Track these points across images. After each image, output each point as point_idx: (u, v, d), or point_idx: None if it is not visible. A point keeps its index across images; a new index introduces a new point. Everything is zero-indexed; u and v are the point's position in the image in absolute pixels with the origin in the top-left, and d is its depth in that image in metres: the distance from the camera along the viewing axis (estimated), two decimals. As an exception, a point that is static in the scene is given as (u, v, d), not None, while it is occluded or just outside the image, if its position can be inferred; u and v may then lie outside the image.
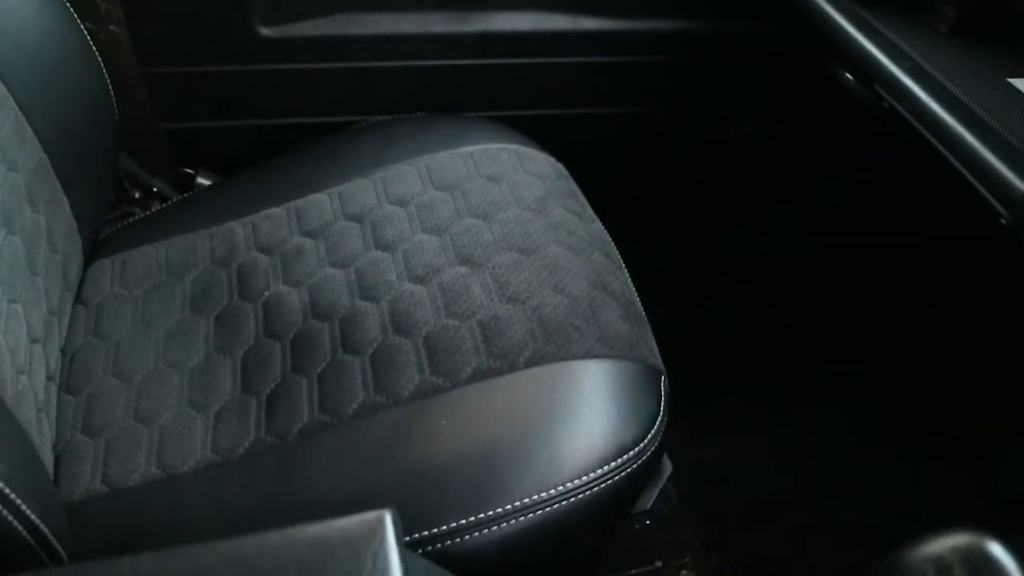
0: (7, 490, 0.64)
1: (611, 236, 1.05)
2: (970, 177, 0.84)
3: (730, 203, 1.51)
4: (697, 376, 1.14)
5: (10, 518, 0.65)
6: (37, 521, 0.68)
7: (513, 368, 0.86)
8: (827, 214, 1.52)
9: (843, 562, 1.20)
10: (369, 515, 0.55)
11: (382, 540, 0.53)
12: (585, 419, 0.83)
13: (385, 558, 0.53)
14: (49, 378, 0.89)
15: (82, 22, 1.01)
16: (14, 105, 0.90)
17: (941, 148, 0.88)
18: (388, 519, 0.55)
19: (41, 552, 0.70)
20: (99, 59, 1.02)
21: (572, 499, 0.79)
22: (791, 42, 1.24)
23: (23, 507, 0.66)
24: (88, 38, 1.02)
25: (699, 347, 1.36)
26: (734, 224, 1.53)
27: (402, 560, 0.53)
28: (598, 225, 1.05)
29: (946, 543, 0.45)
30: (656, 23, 1.26)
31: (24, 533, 0.67)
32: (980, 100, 0.86)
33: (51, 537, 0.70)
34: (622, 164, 1.40)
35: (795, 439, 1.35)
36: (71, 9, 1.00)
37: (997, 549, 0.45)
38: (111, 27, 1.15)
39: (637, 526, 1.21)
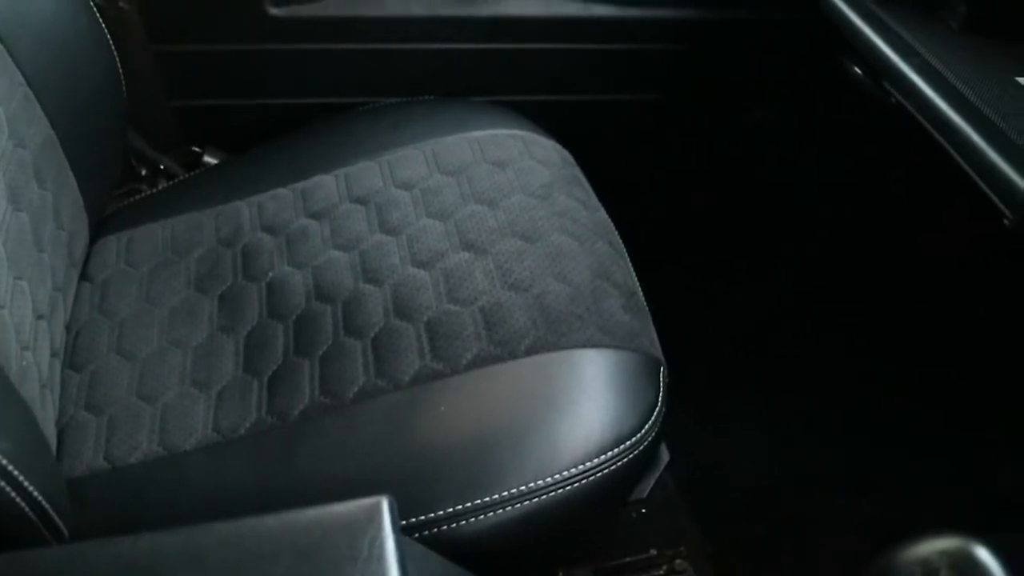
0: (10, 467, 0.65)
1: (616, 224, 1.05)
2: (975, 176, 0.84)
3: (737, 193, 1.51)
4: (697, 365, 1.14)
5: (13, 494, 0.66)
6: (39, 497, 0.69)
7: (513, 355, 0.86)
8: (833, 206, 1.52)
9: (839, 552, 1.20)
10: (366, 501, 0.56)
11: (379, 527, 0.54)
12: (584, 408, 0.84)
13: (382, 544, 0.53)
14: (54, 354, 0.89)
15: (92, -1, 1.02)
16: (23, 81, 0.90)
17: (947, 146, 0.88)
18: (385, 505, 0.55)
19: (43, 527, 0.70)
20: (108, 36, 1.03)
21: (569, 487, 0.80)
22: (802, 33, 1.24)
23: (26, 483, 0.67)
24: (98, 15, 1.02)
25: (700, 336, 1.36)
26: (740, 214, 1.53)
27: (398, 547, 0.53)
28: (602, 214, 1.05)
29: (934, 546, 0.46)
30: (667, 11, 1.25)
31: (26, 509, 0.68)
32: (988, 99, 0.85)
33: (52, 513, 0.71)
34: (629, 152, 1.40)
35: (793, 429, 1.36)
36: (82, -14, 1.00)
37: (984, 553, 0.45)
38: (121, 4, 1.15)
39: (633, 514, 1.22)
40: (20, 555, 0.59)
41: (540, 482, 0.79)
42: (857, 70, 1.11)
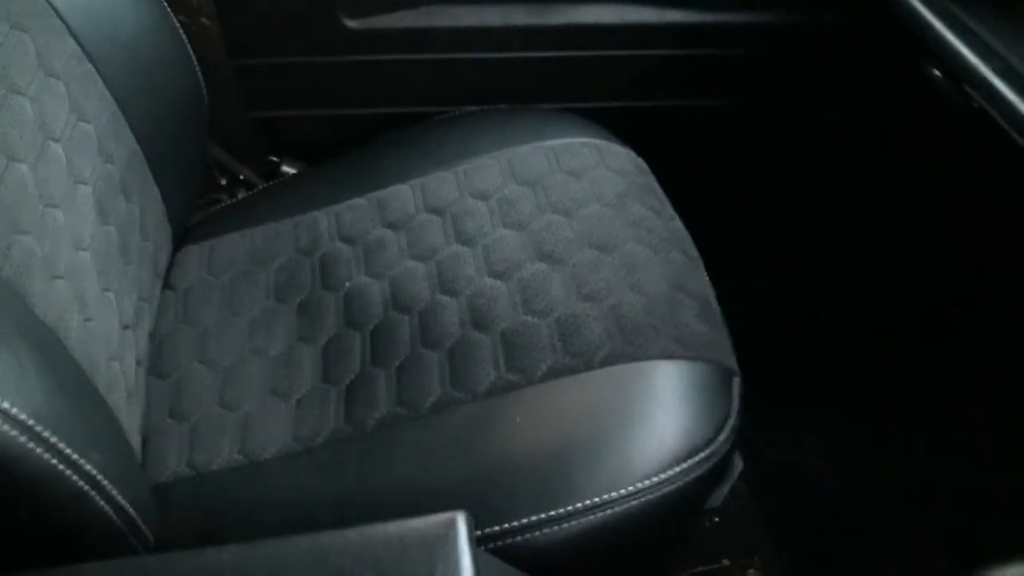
0: (100, 478, 0.67)
1: (690, 231, 1.04)
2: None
3: (811, 200, 1.49)
4: (773, 372, 1.13)
5: (103, 504, 0.68)
6: (127, 506, 0.71)
7: (589, 367, 0.86)
8: (907, 212, 1.49)
9: (916, 565, 1.18)
10: (443, 516, 0.57)
11: (455, 543, 0.55)
12: (658, 420, 0.84)
13: (457, 561, 0.54)
14: (139, 363, 0.92)
15: (175, 15, 1.04)
16: (111, 99, 0.93)
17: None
18: (461, 521, 0.56)
19: (129, 535, 0.72)
20: (191, 52, 1.05)
21: (643, 499, 0.80)
22: (878, 37, 1.22)
23: (114, 493, 0.69)
24: (180, 31, 1.04)
25: (776, 343, 1.34)
26: (815, 221, 1.50)
27: (474, 563, 0.54)
28: (677, 223, 1.04)
29: (1010, 573, 0.45)
30: (741, 16, 1.24)
31: (114, 517, 0.70)
32: (1075, 104, 0.83)
33: (139, 520, 0.73)
34: (703, 158, 1.39)
35: (870, 438, 1.34)
36: (165, 3, 1.03)
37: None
38: (203, 20, 1.17)
39: (706, 523, 1.21)
40: (110, 564, 0.61)
41: (614, 494, 0.79)
42: (937, 73, 1.09)
